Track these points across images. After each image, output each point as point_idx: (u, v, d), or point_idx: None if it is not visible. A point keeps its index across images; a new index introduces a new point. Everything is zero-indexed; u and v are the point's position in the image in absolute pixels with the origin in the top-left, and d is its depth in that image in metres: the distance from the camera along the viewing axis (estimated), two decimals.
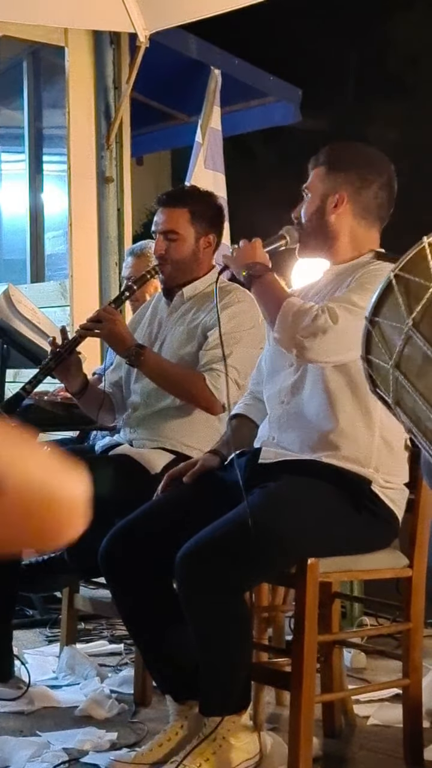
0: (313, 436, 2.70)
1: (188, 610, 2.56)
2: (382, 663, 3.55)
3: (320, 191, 2.82)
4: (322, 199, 2.82)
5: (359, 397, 2.66)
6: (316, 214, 2.82)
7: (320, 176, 2.84)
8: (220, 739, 2.55)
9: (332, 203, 2.80)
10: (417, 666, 2.80)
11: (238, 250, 2.82)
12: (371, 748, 2.92)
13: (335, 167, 2.82)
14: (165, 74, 5.81)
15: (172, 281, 3.41)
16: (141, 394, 3.40)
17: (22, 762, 2.78)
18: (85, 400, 3.47)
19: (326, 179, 2.82)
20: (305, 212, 2.84)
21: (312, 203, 2.83)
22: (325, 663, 2.96)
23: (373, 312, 1.66)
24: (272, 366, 2.88)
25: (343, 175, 2.81)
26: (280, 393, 2.80)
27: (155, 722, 3.03)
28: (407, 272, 1.62)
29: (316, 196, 2.83)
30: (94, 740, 2.90)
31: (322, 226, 2.82)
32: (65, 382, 3.46)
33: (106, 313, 3.33)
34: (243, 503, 2.57)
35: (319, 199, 2.82)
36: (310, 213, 2.83)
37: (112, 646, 3.84)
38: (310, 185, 2.85)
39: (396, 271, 1.63)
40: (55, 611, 3.99)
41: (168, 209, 3.37)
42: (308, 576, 2.54)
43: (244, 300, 3.28)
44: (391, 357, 1.62)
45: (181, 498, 2.81)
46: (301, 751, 2.52)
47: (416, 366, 1.60)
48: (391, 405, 1.67)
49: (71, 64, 5.51)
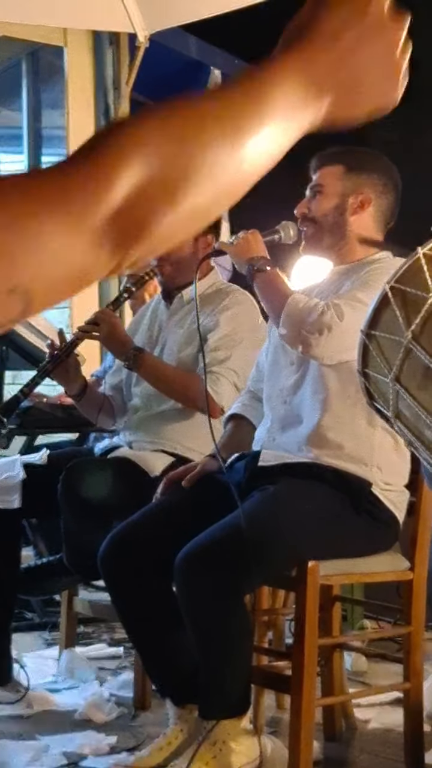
0: (315, 435, 2.69)
1: (188, 614, 2.55)
2: (382, 666, 3.54)
3: (339, 190, 2.80)
4: (342, 197, 2.79)
5: (361, 394, 2.64)
6: (335, 212, 2.80)
7: (337, 175, 2.81)
8: (220, 742, 2.54)
9: (354, 203, 2.78)
10: (418, 669, 2.79)
11: (240, 242, 2.80)
12: (372, 752, 2.91)
13: (356, 167, 2.81)
14: (164, 74, 5.80)
15: (171, 282, 3.40)
16: (141, 397, 3.39)
17: (21, 766, 2.77)
18: (84, 403, 3.47)
19: (345, 179, 2.80)
20: (319, 209, 2.81)
21: (328, 201, 2.80)
22: (325, 666, 2.95)
23: (369, 325, 1.64)
24: (273, 365, 2.87)
25: (365, 177, 2.80)
26: (281, 392, 2.79)
27: (155, 726, 3.02)
28: (403, 284, 1.59)
29: (333, 194, 2.80)
30: (93, 744, 2.89)
31: (339, 224, 2.80)
32: (64, 385, 3.46)
33: (104, 315, 3.33)
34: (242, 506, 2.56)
35: (337, 198, 2.80)
36: (326, 210, 2.80)
37: (112, 649, 3.83)
38: (324, 183, 2.82)
39: (391, 283, 1.60)
40: (55, 614, 3.98)
41: None
42: (309, 579, 2.53)
43: (243, 302, 3.28)
44: (391, 370, 1.60)
45: (181, 501, 2.80)
46: (301, 755, 2.51)
47: (417, 379, 1.58)
48: (390, 418, 1.66)
49: (70, 64, 5.50)
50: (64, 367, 3.36)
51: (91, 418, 3.52)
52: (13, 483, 3.33)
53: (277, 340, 2.85)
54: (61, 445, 3.96)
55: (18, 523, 3.46)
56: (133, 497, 2.98)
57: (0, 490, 3.32)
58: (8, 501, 3.31)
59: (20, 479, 3.33)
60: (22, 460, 3.45)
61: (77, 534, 3.17)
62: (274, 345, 2.87)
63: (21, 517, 3.47)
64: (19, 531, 3.50)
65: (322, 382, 2.70)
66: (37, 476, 3.34)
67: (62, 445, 4.02)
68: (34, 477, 3.34)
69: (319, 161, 2.85)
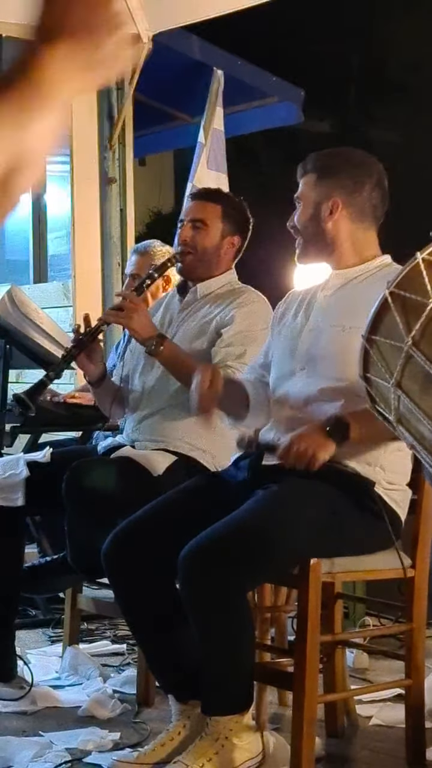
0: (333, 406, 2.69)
1: (191, 611, 2.56)
2: (384, 663, 3.55)
3: (312, 199, 2.83)
4: (315, 206, 2.82)
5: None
6: (312, 222, 2.83)
7: (310, 184, 2.84)
8: (222, 738, 2.55)
9: (327, 210, 2.81)
10: (419, 666, 2.80)
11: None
12: (373, 749, 2.92)
13: (325, 173, 2.82)
14: (168, 75, 5.81)
15: (191, 272, 3.41)
16: (143, 389, 3.40)
17: (24, 762, 2.78)
18: (101, 391, 3.48)
19: (316, 186, 2.82)
20: (299, 221, 2.85)
21: (305, 211, 2.84)
22: (327, 663, 2.96)
23: (370, 330, 1.65)
24: (281, 369, 2.87)
25: (334, 181, 2.81)
26: (290, 398, 2.80)
27: (158, 722, 3.03)
28: (403, 289, 1.60)
29: (308, 205, 2.83)
30: (96, 740, 2.90)
31: (318, 233, 2.82)
32: (86, 370, 3.45)
33: (129, 302, 3.32)
34: (245, 504, 2.58)
35: (312, 207, 2.83)
36: (304, 221, 2.84)
37: (115, 646, 3.84)
38: (301, 194, 2.86)
39: (391, 288, 1.61)
40: (58, 611, 3.99)
41: (201, 202, 3.42)
42: (311, 576, 2.54)
43: (258, 301, 3.32)
44: (392, 376, 1.61)
45: (184, 499, 2.81)
46: (303, 751, 2.52)
47: (418, 385, 1.58)
48: (393, 422, 1.66)
49: None
50: (87, 351, 3.37)
51: (104, 408, 3.53)
52: (16, 481, 3.34)
53: (284, 346, 2.87)
54: (64, 444, 3.97)
55: (21, 521, 3.48)
56: (137, 496, 2.99)
57: (4, 488, 3.34)
58: (12, 499, 3.32)
59: (24, 477, 3.34)
60: (25, 458, 3.46)
61: (81, 532, 3.18)
62: (282, 349, 2.87)
63: (24, 515, 3.48)
64: (22, 529, 3.51)
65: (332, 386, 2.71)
66: (40, 474, 3.35)
67: (65, 443, 4.03)
68: (37, 475, 3.35)
69: (299, 171, 2.89)
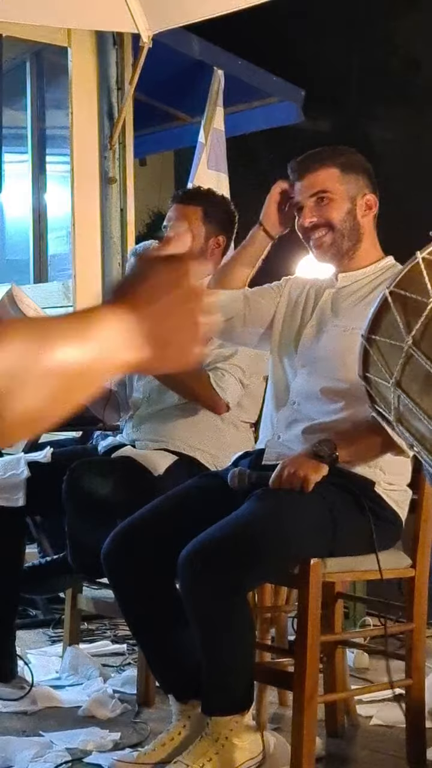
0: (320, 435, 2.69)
1: (191, 610, 2.56)
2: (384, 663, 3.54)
3: (344, 193, 2.78)
4: (351, 201, 2.78)
5: None
6: (349, 217, 2.78)
7: (336, 178, 2.78)
8: (222, 738, 2.55)
9: (362, 205, 2.78)
10: (420, 666, 2.80)
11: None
12: (374, 748, 2.92)
13: (350, 169, 2.79)
14: (168, 75, 5.82)
15: None
16: (143, 392, 3.41)
17: (25, 762, 2.78)
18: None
19: (345, 181, 2.78)
20: (335, 215, 2.77)
21: (340, 205, 2.77)
22: (327, 663, 2.96)
23: (370, 330, 1.64)
24: (279, 366, 2.87)
25: (361, 177, 2.79)
26: (291, 394, 2.80)
27: (158, 722, 3.04)
28: (403, 289, 1.59)
29: (342, 199, 2.77)
30: (97, 740, 2.91)
31: (355, 228, 2.79)
32: None
33: None
34: (245, 504, 2.58)
35: (348, 201, 2.78)
36: (342, 216, 2.77)
37: (115, 646, 3.84)
38: (327, 188, 2.77)
39: (391, 287, 1.61)
40: (59, 611, 3.99)
41: (181, 206, 3.39)
42: (311, 576, 2.54)
43: None
44: (392, 375, 1.60)
45: (184, 499, 2.81)
46: (303, 751, 2.52)
47: (419, 384, 1.58)
48: (392, 422, 1.66)
49: (74, 64, 5.51)
50: None
51: (97, 412, 3.53)
52: (17, 481, 3.34)
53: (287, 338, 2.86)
54: (64, 443, 3.97)
55: (22, 521, 3.48)
56: (137, 496, 2.99)
57: (4, 488, 3.34)
58: (12, 499, 3.32)
59: (24, 477, 3.34)
60: (26, 458, 3.46)
61: (81, 533, 3.18)
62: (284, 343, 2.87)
63: (25, 514, 3.48)
64: (23, 529, 3.51)
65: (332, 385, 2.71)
66: (41, 474, 3.35)
67: (66, 443, 4.03)
68: (38, 475, 3.35)
69: (304, 165, 2.80)
